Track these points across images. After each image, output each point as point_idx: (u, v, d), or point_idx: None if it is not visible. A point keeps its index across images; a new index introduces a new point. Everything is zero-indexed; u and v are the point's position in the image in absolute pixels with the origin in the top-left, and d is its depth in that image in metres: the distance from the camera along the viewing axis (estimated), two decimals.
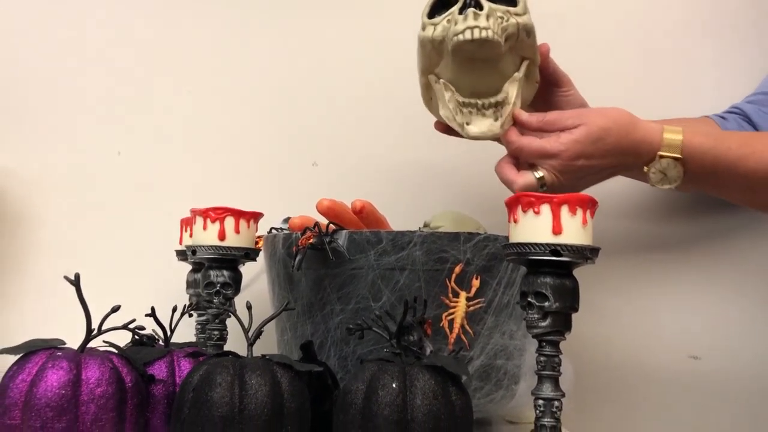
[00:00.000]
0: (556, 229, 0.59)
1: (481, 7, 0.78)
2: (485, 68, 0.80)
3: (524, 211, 0.60)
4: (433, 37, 0.80)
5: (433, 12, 0.82)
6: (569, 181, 0.79)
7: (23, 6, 1.11)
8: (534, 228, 0.60)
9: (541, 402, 0.60)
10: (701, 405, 1.06)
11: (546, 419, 0.60)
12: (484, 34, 0.77)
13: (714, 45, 1.10)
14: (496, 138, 0.83)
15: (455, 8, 0.79)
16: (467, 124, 0.81)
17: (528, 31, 0.81)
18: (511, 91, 0.81)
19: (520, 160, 0.82)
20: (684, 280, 1.07)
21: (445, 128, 0.88)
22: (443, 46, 0.80)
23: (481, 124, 0.81)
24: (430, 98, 0.86)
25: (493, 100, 0.81)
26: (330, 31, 1.12)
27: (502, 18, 0.79)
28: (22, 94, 1.10)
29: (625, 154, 0.79)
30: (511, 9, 0.80)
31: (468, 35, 0.77)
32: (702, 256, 1.07)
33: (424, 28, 0.82)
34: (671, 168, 0.78)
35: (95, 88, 1.10)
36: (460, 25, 0.78)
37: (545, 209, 0.60)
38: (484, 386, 0.77)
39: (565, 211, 0.59)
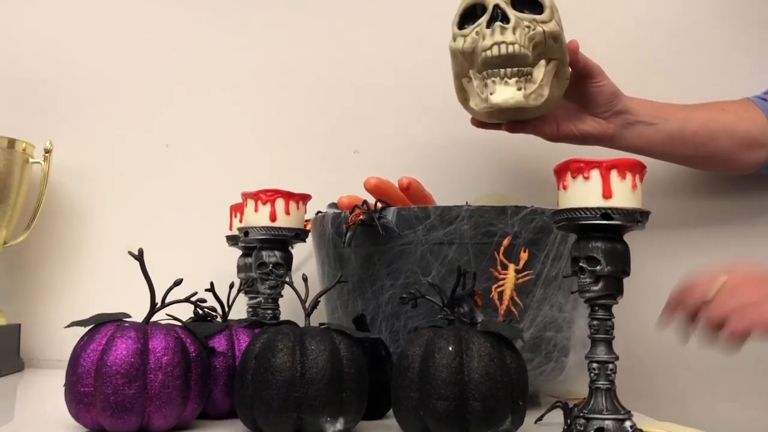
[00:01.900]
0: (606, 193, 0.60)
1: (507, 20, 0.80)
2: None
3: (573, 177, 0.61)
4: (463, 48, 0.83)
5: (463, 22, 0.84)
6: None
7: (75, 5, 1.15)
8: (584, 193, 0.61)
9: (595, 365, 0.61)
10: (743, 378, 1.05)
11: (601, 381, 0.61)
12: (511, 49, 0.79)
13: (746, 29, 1.10)
14: (520, 108, 0.82)
15: (483, 20, 0.81)
16: (491, 94, 0.81)
17: (555, 38, 0.82)
18: (537, 73, 0.82)
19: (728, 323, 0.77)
20: (727, 255, 1.06)
21: (480, 123, 0.91)
22: (473, 56, 0.82)
23: (504, 92, 0.81)
24: (465, 99, 0.88)
25: (516, 69, 0.80)
26: (367, 22, 1.14)
27: (528, 27, 0.80)
28: (73, 92, 1.14)
29: None
30: (538, 17, 0.81)
31: (495, 51, 0.79)
32: (744, 231, 1.07)
33: (454, 39, 0.84)
34: None
35: (143, 84, 1.14)
36: (487, 40, 0.80)
37: (595, 174, 0.60)
38: (534, 358, 0.78)
39: (614, 175, 0.60)
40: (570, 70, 0.86)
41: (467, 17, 0.84)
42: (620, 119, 0.90)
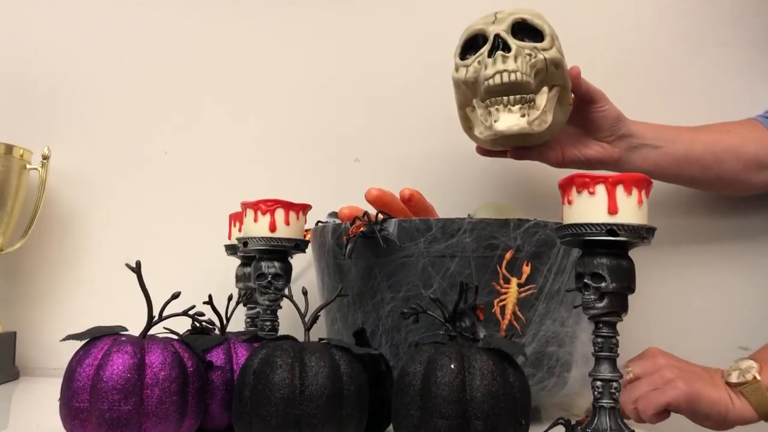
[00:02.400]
0: (612, 209, 0.59)
1: (509, 49, 0.80)
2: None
3: (579, 192, 0.60)
4: (466, 78, 0.83)
5: (464, 52, 0.84)
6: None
7: (74, 12, 1.14)
8: (589, 208, 0.60)
9: (599, 383, 0.60)
10: None
11: (605, 400, 0.60)
12: (513, 77, 0.79)
13: (742, 48, 1.09)
14: (524, 134, 0.82)
15: (485, 50, 0.82)
16: (495, 121, 0.81)
17: (556, 64, 0.82)
18: (540, 99, 0.82)
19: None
20: (731, 270, 1.06)
21: (485, 152, 0.92)
22: (476, 85, 0.82)
23: (508, 120, 0.81)
24: (469, 128, 0.88)
25: (519, 96, 0.81)
26: (368, 32, 1.13)
27: (530, 55, 0.81)
28: (72, 99, 1.14)
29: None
30: (538, 45, 0.81)
31: (498, 80, 0.80)
32: (750, 248, 1.06)
33: (457, 69, 0.84)
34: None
35: (141, 91, 1.13)
36: (489, 69, 0.80)
37: (600, 189, 0.60)
38: (536, 373, 0.77)
39: (620, 190, 0.59)
40: (572, 95, 0.87)
41: (469, 47, 0.84)
42: (624, 143, 0.90)
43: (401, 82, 1.11)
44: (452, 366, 0.58)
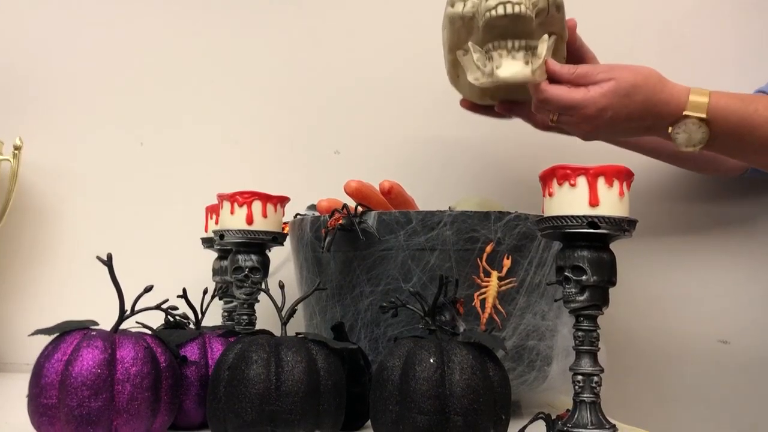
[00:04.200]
0: (593, 201, 0.58)
1: None
2: None
3: (560, 184, 0.60)
4: (463, 13, 0.79)
5: None
6: (593, 130, 0.79)
7: (49, 3, 1.12)
8: (570, 200, 0.59)
9: (580, 377, 0.59)
10: (730, 388, 1.05)
11: (585, 394, 0.59)
12: (516, 9, 0.76)
13: (739, 28, 1.09)
14: (526, 82, 0.80)
15: None
16: (497, 68, 0.78)
17: (558, 6, 0.80)
18: (541, 47, 0.79)
19: (547, 109, 0.80)
20: (712, 263, 1.06)
21: (470, 105, 0.88)
22: (473, 21, 0.79)
23: (511, 67, 0.78)
24: (457, 75, 0.85)
25: (524, 42, 0.78)
26: (347, 22, 1.11)
27: None
28: (44, 89, 1.11)
29: (652, 112, 0.78)
30: None
31: (501, 10, 0.76)
32: (730, 239, 1.06)
33: (453, 4, 0.81)
34: (696, 129, 0.77)
35: (116, 81, 1.11)
36: (492, 0, 0.77)
37: (581, 181, 0.59)
38: (517, 367, 0.76)
39: (601, 182, 0.59)
40: (565, 51, 0.84)
41: None
42: None
43: (382, 74, 1.10)
44: (431, 360, 0.57)
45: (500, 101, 0.86)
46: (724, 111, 0.77)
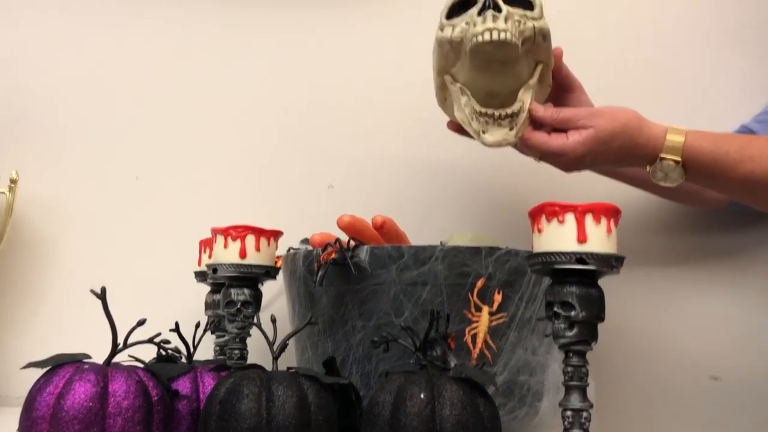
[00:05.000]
0: (581, 238, 0.59)
1: (499, 10, 0.79)
2: (501, 71, 0.81)
3: (548, 220, 0.61)
4: (451, 37, 0.81)
5: (452, 13, 0.83)
6: (573, 169, 0.83)
7: (45, 37, 1.13)
8: (559, 237, 0.60)
9: (569, 413, 0.60)
10: (722, 425, 1.05)
11: (575, 430, 0.59)
12: (503, 36, 0.78)
13: (724, 61, 1.11)
14: (511, 145, 0.83)
15: (474, 10, 0.80)
16: (483, 132, 0.81)
17: (544, 35, 0.82)
18: (526, 98, 0.82)
19: (530, 153, 0.84)
20: (701, 298, 1.06)
21: (457, 128, 0.90)
22: (461, 46, 0.81)
23: (497, 134, 0.81)
24: (444, 99, 0.87)
25: (509, 111, 0.81)
26: (342, 58, 1.13)
27: (519, 21, 0.80)
28: (41, 122, 1.12)
29: (630, 155, 0.81)
30: (528, 13, 0.81)
31: (487, 36, 0.78)
32: (719, 273, 1.07)
33: (442, 28, 0.83)
34: (672, 170, 0.80)
35: (113, 116, 1.12)
36: (479, 26, 0.79)
37: (569, 218, 0.60)
38: (508, 403, 0.76)
39: (589, 219, 0.60)
40: (551, 78, 0.86)
41: (457, 9, 0.82)
42: None
43: (378, 109, 1.11)
44: (422, 396, 0.57)
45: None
46: (698, 152, 0.80)
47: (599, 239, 0.60)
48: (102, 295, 0.62)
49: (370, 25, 1.13)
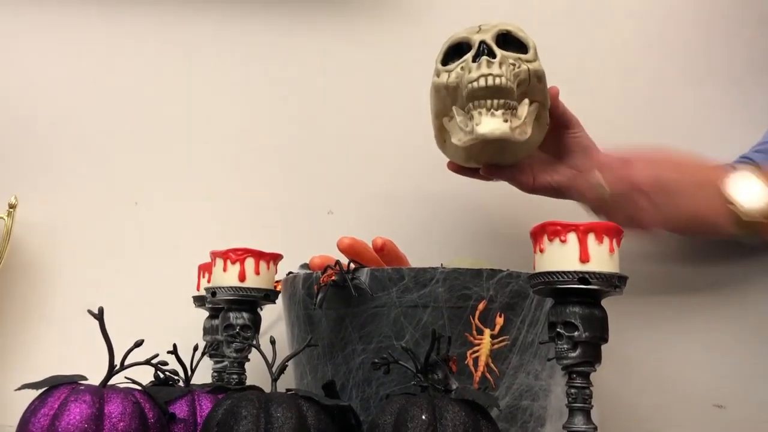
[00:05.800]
0: (584, 257, 0.59)
1: (494, 55, 0.80)
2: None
3: (550, 240, 0.60)
4: (447, 83, 0.82)
5: (447, 59, 0.84)
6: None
7: (43, 58, 1.14)
8: (561, 256, 0.60)
9: None
10: None
11: None
12: (497, 81, 0.79)
13: (721, 92, 1.12)
14: (502, 145, 0.82)
15: (469, 56, 0.81)
16: (477, 125, 0.80)
17: (539, 77, 0.83)
18: (521, 110, 0.82)
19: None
20: (706, 326, 1.06)
21: (456, 168, 0.90)
22: (457, 91, 0.82)
23: (490, 123, 0.80)
24: (443, 140, 0.87)
25: (503, 101, 0.80)
26: (342, 84, 1.14)
27: (513, 65, 0.81)
28: (39, 146, 1.12)
29: None
30: (523, 56, 0.82)
31: (482, 82, 0.79)
32: (723, 301, 1.06)
33: (438, 74, 0.84)
34: None
35: (112, 141, 1.12)
36: (474, 72, 0.80)
37: (572, 237, 0.60)
38: (510, 428, 0.75)
39: (591, 239, 0.59)
40: (548, 117, 0.87)
41: (452, 54, 0.83)
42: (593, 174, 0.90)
43: (377, 133, 1.11)
44: (423, 417, 0.56)
45: (484, 165, 0.89)
46: None
47: (602, 259, 0.59)
48: (99, 315, 0.61)
49: (371, 56, 1.14)
